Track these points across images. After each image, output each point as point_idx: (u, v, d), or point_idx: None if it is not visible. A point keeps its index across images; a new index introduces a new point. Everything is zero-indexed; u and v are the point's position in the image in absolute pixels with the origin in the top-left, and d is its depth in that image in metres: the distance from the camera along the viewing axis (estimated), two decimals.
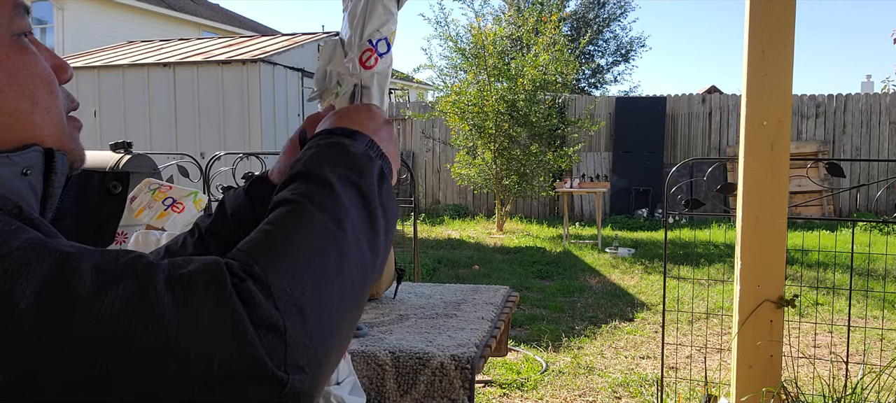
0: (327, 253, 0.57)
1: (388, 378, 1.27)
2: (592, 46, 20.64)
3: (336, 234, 0.59)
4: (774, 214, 2.57)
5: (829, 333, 4.65)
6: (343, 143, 0.71)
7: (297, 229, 0.58)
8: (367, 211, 0.64)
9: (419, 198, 13.16)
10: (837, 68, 75.77)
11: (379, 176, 0.69)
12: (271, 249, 0.55)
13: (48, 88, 0.66)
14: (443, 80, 11.45)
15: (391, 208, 0.69)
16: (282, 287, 0.52)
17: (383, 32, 0.80)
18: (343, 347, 0.58)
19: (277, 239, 0.57)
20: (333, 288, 0.56)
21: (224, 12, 24.43)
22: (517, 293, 1.96)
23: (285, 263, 0.54)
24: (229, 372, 0.48)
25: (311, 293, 0.53)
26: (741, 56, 2.62)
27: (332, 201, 0.62)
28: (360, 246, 0.61)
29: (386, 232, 0.66)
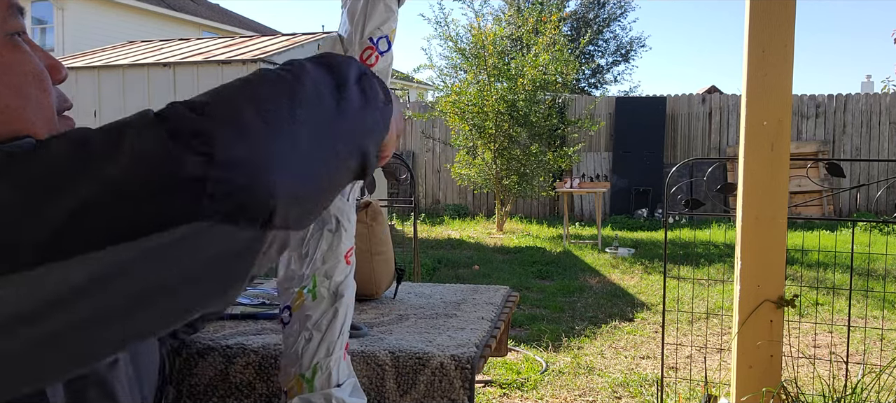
0: (270, 85, 0.55)
1: (387, 378, 1.27)
2: (592, 46, 20.65)
3: (286, 78, 0.57)
4: (774, 214, 2.57)
5: (829, 333, 4.65)
6: (325, 52, 0.70)
7: (241, 78, 0.56)
8: (336, 78, 0.61)
9: (419, 198, 13.16)
10: (837, 68, 75.83)
11: (359, 72, 0.66)
12: (211, 93, 0.53)
13: (40, 86, 0.67)
14: (443, 80, 11.47)
15: (372, 93, 0.65)
16: (205, 102, 0.50)
17: (384, 30, 0.80)
18: (309, 171, 0.55)
19: (217, 88, 0.54)
20: (276, 103, 0.53)
21: (224, 12, 24.43)
22: (517, 293, 1.96)
23: (215, 92, 0.52)
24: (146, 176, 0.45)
25: (241, 104, 0.51)
26: (741, 56, 2.62)
27: (292, 65, 0.60)
28: (318, 91, 0.58)
29: (361, 103, 0.63)
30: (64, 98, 0.73)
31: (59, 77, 0.72)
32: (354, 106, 0.61)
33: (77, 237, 0.43)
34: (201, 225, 0.46)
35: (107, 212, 0.44)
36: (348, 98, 0.61)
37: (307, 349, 0.83)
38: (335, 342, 0.83)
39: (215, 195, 0.46)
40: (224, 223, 0.47)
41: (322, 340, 0.83)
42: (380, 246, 1.71)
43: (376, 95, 0.66)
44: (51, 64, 0.71)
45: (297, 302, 0.84)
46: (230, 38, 10.57)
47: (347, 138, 0.61)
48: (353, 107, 0.61)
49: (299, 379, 0.83)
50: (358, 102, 0.62)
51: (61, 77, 0.72)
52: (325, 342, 0.83)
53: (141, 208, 0.45)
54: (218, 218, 0.46)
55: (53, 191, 0.44)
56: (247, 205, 0.48)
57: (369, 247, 1.68)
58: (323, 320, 0.83)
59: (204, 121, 0.48)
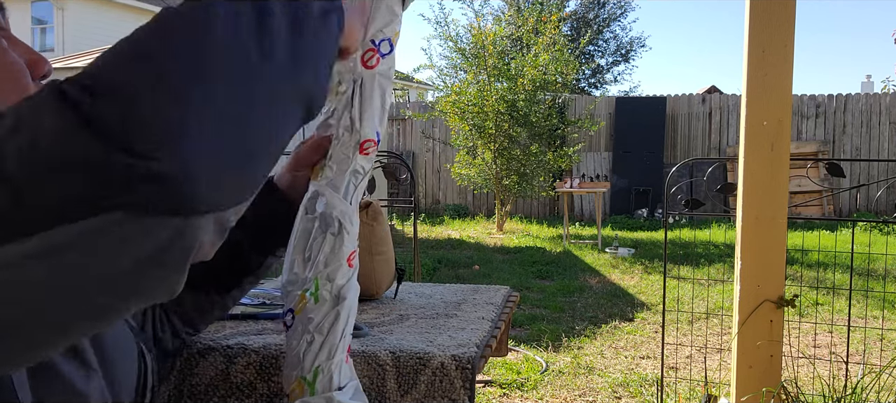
0: (174, 33, 0.46)
1: (388, 379, 1.27)
2: (592, 46, 20.66)
3: (190, 17, 0.47)
4: (774, 214, 2.57)
5: (829, 333, 4.66)
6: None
7: (145, 26, 0.47)
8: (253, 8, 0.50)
9: (419, 198, 13.16)
10: (837, 68, 75.86)
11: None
12: (111, 49, 0.46)
13: (16, 84, 0.66)
14: (443, 80, 11.48)
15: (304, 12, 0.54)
16: (106, 78, 0.43)
17: (387, 33, 0.79)
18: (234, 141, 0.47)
19: (121, 41, 0.47)
20: (183, 63, 0.45)
21: None
22: (517, 293, 1.96)
23: (118, 56, 0.45)
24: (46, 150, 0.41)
25: (143, 75, 0.43)
26: (741, 56, 2.62)
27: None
28: (231, 30, 0.48)
29: (290, 31, 0.52)
30: None
31: (43, 71, 0.70)
32: (283, 37, 0.51)
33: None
34: (114, 218, 0.42)
35: (5, 205, 0.41)
36: (272, 27, 0.50)
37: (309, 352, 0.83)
38: (337, 345, 0.83)
39: (123, 183, 0.41)
40: (142, 214, 0.42)
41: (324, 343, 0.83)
42: (380, 246, 1.71)
43: (310, 10, 0.55)
44: (33, 59, 0.69)
45: (300, 304, 0.84)
46: None
47: (279, 84, 0.51)
48: (281, 39, 0.51)
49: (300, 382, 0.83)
50: (286, 30, 0.52)
51: (44, 72, 0.70)
52: (326, 345, 0.83)
53: (39, 200, 0.41)
54: (132, 210, 0.42)
55: None
56: (164, 193, 0.42)
57: (370, 247, 1.69)
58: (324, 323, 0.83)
59: (98, 102, 0.42)
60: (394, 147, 13.10)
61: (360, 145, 0.82)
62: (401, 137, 13.37)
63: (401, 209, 11.33)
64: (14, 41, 0.68)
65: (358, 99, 0.81)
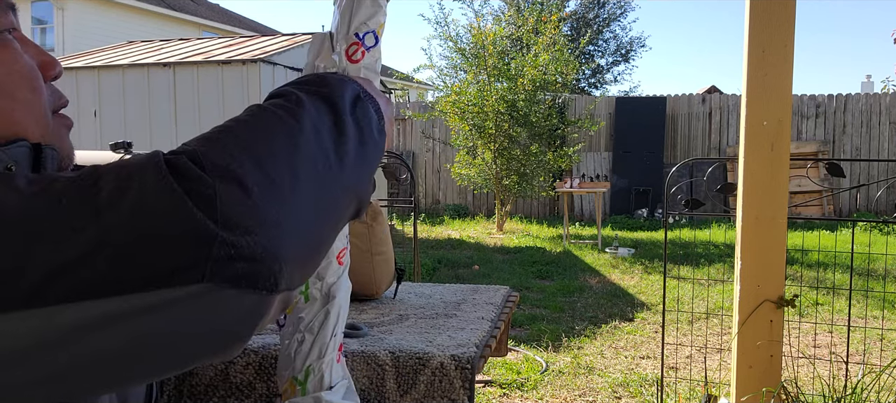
0: (274, 134, 0.53)
1: (387, 378, 1.27)
2: (592, 46, 20.65)
3: (288, 123, 0.55)
4: (774, 214, 2.57)
5: (829, 333, 4.65)
6: (319, 74, 0.68)
7: (244, 120, 0.55)
8: (333, 114, 0.60)
9: (419, 198, 13.16)
10: (837, 68, 75.82)
11: (353, 97, 0.64)
12: (210, 135, 0.52)
13: (30, 85, 0.65)
14: (443, 80, 11.47)
15: (367, 124, 0.64)
16: (215, 160, 0.48)
17: (371, 25, 0.78)
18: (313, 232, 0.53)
19: (221, 129, 0.53)
20: (281, 161, 0.52)
21: (224, 12, 24.43)
22: (517, 293, 1.96)
23: (224, 142, 0.51)
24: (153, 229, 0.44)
25: (250, 164, 0.49)
26: (741, 56, 2.62)
27: (291, 101, 0.58)
28: (319, 139, 0.56)
29: (358, 143, 0.61)
30: (58, 95, 0.71)
31: (53, 74, 0.70)
32: (353, 146, 0.60)
33: (74, 283, 0.43)
34: (204, 287, 0.45)
35: (108, 263, 0.43)
36: (347, 137, 0.59)
37: (300, 351, 0.82)
38: (328, 344, 0.83)
39: (220, 259, 0.45)
40: (229, 287, 0.46)
41: (314, 342, 0.82)
42: (380, 246, 1.71)
43: (371, 122, 0.65)
44: (44, 61, 0.69)
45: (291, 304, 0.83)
46: (230, 38, 10.57)
47: (348, 187, 0.59)
48: (351, 148, 0.60)
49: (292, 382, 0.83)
50: (355, 140, 0.60)
51: (55, 74, 0.70)
52: (317, 344, 0.82)
53: (142, 262, 0.44)
54: (223, 283, 0.45)
55: (57, 233, 0.43)
56: (253, 273, 0.46)
57: (369, 247, 1.68)
58: (315, 322, 0.83)
59: (211, 181, 0.46)
60: (394, 147, 13.10)
61: None
62: (401, 137, 13.37)
63: (401, 209, 11.32)
64: (25, 42, 0.68)
65: None
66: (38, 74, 0.67)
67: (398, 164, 8.93)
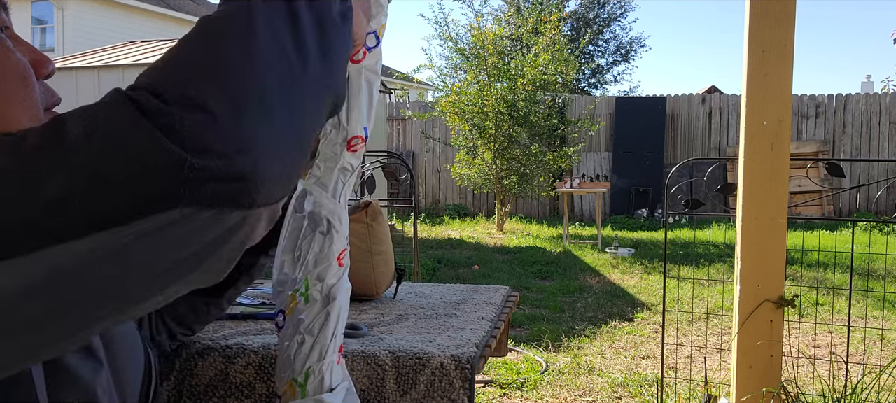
0: (228, 47, 0.52)
1: (387, 379, 1.27)
2: (592, 46, 20.66)
3: (239, 31, 0.53)
4: (774, 214, 2.57)
5: (829, 333, 4.65)
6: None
7: (195, 38, 0.53)
8: (286, 5, 0.56)
9: (419, 198, 13.16)
10: (837, 68, 75.83)
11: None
12: (167, 61, 0.52)
13: (22, 82, 0.66)
14: (443, 80, 11.47)
15: (326, 10, 0.59)
16: (176, 90, 0.48)
17: (372, 26, 0.77)
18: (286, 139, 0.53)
19: (175, 54, 0.52)
20: (240, 74, 0.51)
21: None
22: (517, 293, 1.96)
23: (181, 68, 0.51)
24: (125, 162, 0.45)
25: (210, 87, 0.49)
26: (741, 56, 2.62)
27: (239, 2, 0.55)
28: (276, 39, 0.53)
29: (317, 33, 0.57)
30: (51, 93, 0.71)
31: (45, 72, 0.70)
32: (312, 40, 0.56)
33: (54, 227, 0.44)
34: (182, 212, 0.46)
35: (85, 202, 0.45)
36: (304, 30, 0.56)
37: (299, 353, 0.82)
38: (328, 345, 0.82)
39: (193, 181, 0.46)
40: (207, 208, 0.47)
41: (314, 344, 0.82)
42: (380, 246, 1.71)
43: (330, 7, 0.60)
44: (36, 59, 0.69)
45: (290, 305, 0.83)
46: None
47: (317, 83, 0.57)
48: (311, 41, 0.56)
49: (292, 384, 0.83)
50: (314, 32, 0.57)
51: (48, 72, 0.71)
52: (317, 346, 0.82)
53: (117, 197, 0.45)
54: (200, 205, 0.46)
55: (29, 184, 0.45)
56: (229, 191, 0.48)
57: (369, 247, 1.68)
58: (315, 323, 0.82)
59: (176, 111, 0.47)
60: (394, 147, 13.10)
61: (348, 142, 0.80)
62: (401, 137, 13.36)
63: (401, 209, 11.32)
64: (18, 40, 0.68)
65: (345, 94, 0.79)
66: (30, 72, 0.67)
67: (398, 164, 8.93)
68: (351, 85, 0.79)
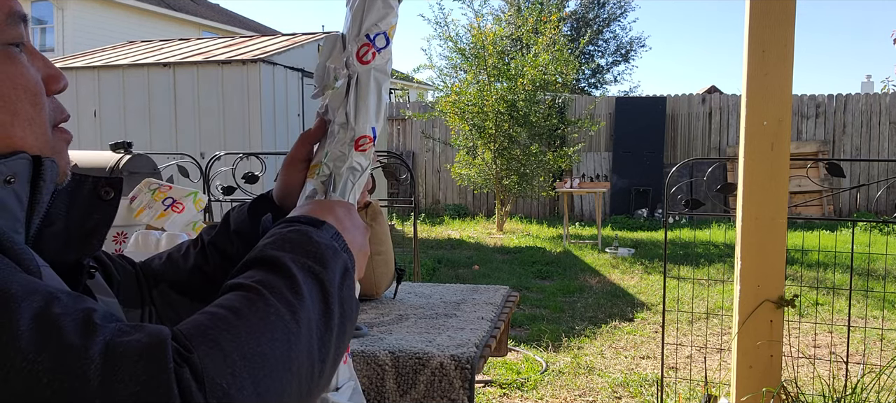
0: (274, 347, 0.55)
1: (387, 378, 1.27)
2: (592, 46, 20.64)
3: (289, 326, 0.57)
4: (774, 214, 2.57)
5: (829, 333, 4.65)
6: (307, 232, 0.68)
7: (245, 318, 0.55)
8: (325, 305, 0.62)
9: (419, 198, 13.16)
10: (837, 68, 75.73)
11: (342, 271, 0.67)
12: (215, 337, 0.53)
13: (32, 100, 0.66)
14: (443, 80, 11.47)
15: (349, 307, 0.66)
16: (217, 381, 0.50)
17: (382, 27, 0.78)
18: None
19: (224, 327, 0.54)
20: (276, 384, 0.54)
21: (224, 12, 24.43)
22: (517, 293, 1.96)
23: (226, 355, 0.52)
24: None
25: (249, 390, 0.52)
26: (741, 56, 2.62)
27: (289, 290, 0.59)
28: (310, 342, 0.58)
29: (339, 332, 0.63)
30: (60, 109, 0.71)
31: (58, 87, 0.70)
32: (335, 337, 0.62)
33: None
34: None
35: None
36: (332, 329, 0.62)
37: None
38: None
39: None
40: None
41: None
42: (380, 247, 1.71)
43: (353, 299, 0.67)
44: (50, 74, 0.69)
45: None
46: (230, 38, 10.57)
47: (323, 379, 0.62)
48: (334, 338, 0.62)
49: None
50: (338, 329, 0.63)
51: (59, 87, 0.70)
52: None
53: None
54: None
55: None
56: None
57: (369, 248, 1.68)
58: None
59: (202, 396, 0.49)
60: (394, 147, 13.10)
61: (356, 141, 0.80)
62: (401, 137, 13.36)
63: (401, 209, 11.32)
64: (34, 55, 0.68)
65: (353, 94, 0.79)
66: (41, 89, 0.67)
67: (398, 164, 8.93)
68: (360, 85, 0.79)
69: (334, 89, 0.80)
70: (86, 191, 0.71)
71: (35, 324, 0.48)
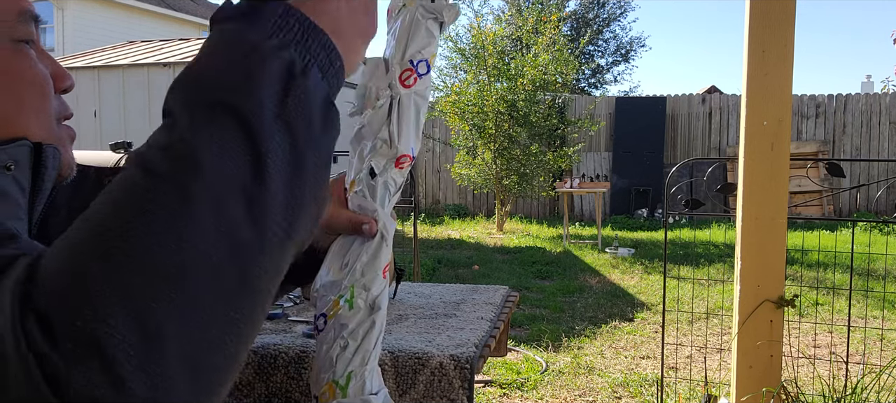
0: (152, 248, 0.40)
1: (387, 378, 1.27)
2: (592, 46, 20.65)
3: (172, 209, 0.41)
4: (774, 214, 2.57)
5: (829, 333, 4.65)
6: (231, 32, 0.47)
7: (108, 222, 0.41)
8: (247, 141, 0.42)
9: (419, 198, 13.16)
10: (837, 68, 75.71)
11: (285, 77, 0.45)
12: (67, 260, 0.41)
13: (40, 93, 0.67)
14: (443, 80, 11.47)
15: (305, 118, 0.45)
16: (73, 319, 0.38)
17: (424, 54, 0.83)
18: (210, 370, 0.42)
19: (81, 244, 0.41)
20: (163, 292, 0.39)
21: None
22: (517, 293, 1.96)
23: (82, 284, 0.39)
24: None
25: (118, 320, 0.38)
26: (741, 56, 2.62)
27: (178, 167, 0.42)
28: (221, 216, 0.41)
29: (290, 164, 0.44)
30: (65, 107, 0.73)
31: (64, 86, 0.72)
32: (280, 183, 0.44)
33: None
34: None
35: None
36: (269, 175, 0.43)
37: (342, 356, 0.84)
38: (371, 352, 0.85)
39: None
40: None
41: (358, 349, 0.84)
42: None
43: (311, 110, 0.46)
44: (57, 73, 0.71)
45: (333, 310, 0.85)
46: None
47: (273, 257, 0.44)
48: (279, 187, 0.43)
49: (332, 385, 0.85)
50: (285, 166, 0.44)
51: (66, 86, 0.72)
52: (360, 351, 0.84)
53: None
54: None
55: None
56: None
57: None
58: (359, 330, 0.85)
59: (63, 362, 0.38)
60: None
61: (397, 160, 0.85)
62: None
63: (401, 209, 11.32)
64: (42, 53, 0.70)
65: (396, 115, 0.83)
66: (49, 83, 0.69)
67: None
68: (402, 108, 0.83)
69: (376, 108, 0.84)
70: (89, 180, 0.73)
71: None
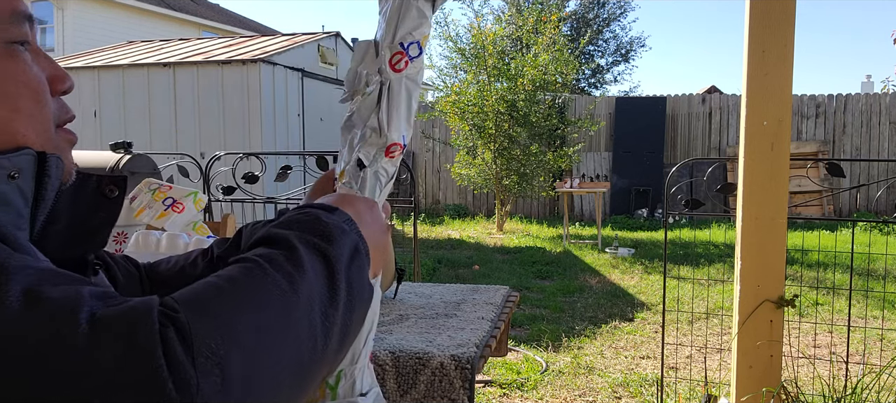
0: (269, 315, 0.53)
1: (387, 378, 1.27)
2: (592, 46, 20.65)
3: (286, 294, 0.55)
4: (774, 214, 2.57)
5: (829, 333, 4.65)
6: (317, 214, 0.66)
7: (240, 286, 0.54)
8: (330, 279, 0.59)
9: (419, 198, 13.16)
10: (837, 68, 75.65)
11: (351, 249, 0.64)
12: (206, 301, 0.52)
13: (35, 97, 0.66)
14: (443, 80, 11.47)
15: (359, 287, 0.63)
16: (206, 341, 0.49)
17: (415, 35, 0.79)
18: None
19: (216, 293, 0.53)
20: (269, 351, 0.52)
21: (224, 12, 24.43)
22: (517, 293, 1.96)
23: (215, 318, 0.51)
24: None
25: (238, 354, 0.50)
26: (741, 56, 2.62)
27: (289, 262, 0.57)
28: (311, 314, 0.56)
29: (346, 309, 0.60)
30: (65, 109, 0.71)
31: (63, 88, 0.70)
32: (340, 318, 0.59)
33: None
34: None
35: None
36: (338, 308, 0.59)
37: None
38: (360, 350, 0.83)
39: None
40: None
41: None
42: None
43: (363, 282, 0.65)
44: (55, 75, 0.69)
45: None
46: (230, 38, 10.57)
47: (325, 364, 0.59)
48: (339, 319, 0.59)
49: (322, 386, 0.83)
50: (344, 309, 0.60)
51: (64, 88, 0.70)
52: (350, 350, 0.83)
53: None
54: None
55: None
56: None
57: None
58: None
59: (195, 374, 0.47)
60: None
61: (386, 148, 0.81)
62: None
63: (401, 209, 11.32)
64: (38, 55, 0.68)
65: (386, 102, 0.80)
66: (45, 88, 0.67)
67: None
68: (392, 93, 0.79)
69: (365, 95, 0.80)
70: (90, 188, 0.71)
71: (25, 297, 0.48)
